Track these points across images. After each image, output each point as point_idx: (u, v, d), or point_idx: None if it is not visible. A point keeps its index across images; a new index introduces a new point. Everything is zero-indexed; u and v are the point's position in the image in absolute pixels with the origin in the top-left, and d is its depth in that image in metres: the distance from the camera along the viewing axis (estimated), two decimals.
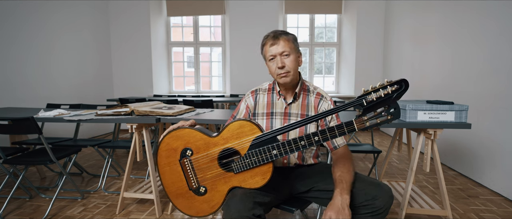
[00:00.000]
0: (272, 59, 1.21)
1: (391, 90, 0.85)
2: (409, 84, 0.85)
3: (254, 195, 1.03)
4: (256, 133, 1.02)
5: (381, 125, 0.91)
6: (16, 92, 3.31)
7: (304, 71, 5.48)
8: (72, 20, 4.22)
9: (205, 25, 5.50)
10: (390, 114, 0.89)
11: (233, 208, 0.97)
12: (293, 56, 1.20)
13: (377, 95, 0.87)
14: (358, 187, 1.07)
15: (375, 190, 1.04)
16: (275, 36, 1.20)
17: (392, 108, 0.89)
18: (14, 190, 2.01)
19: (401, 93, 0.85)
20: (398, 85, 0.85)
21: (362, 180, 1.11)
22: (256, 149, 1.01)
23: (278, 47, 1.19)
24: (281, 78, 1.21)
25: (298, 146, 0.99)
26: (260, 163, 1.01)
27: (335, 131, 0.95)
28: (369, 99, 0.88)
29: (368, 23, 4.88)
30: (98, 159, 3.34)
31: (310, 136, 0.97)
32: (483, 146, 2.50)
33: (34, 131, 1.84)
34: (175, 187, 1.15)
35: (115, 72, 5.25)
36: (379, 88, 0.87)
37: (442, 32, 3.12)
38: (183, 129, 1.12)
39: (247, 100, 1.36)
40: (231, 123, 1.05)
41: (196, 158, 1.10)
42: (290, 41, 1.21)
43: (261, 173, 1.03)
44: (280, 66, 1.19)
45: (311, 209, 2.05)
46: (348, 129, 0.94)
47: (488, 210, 2.03)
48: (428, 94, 3.35)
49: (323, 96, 1.29)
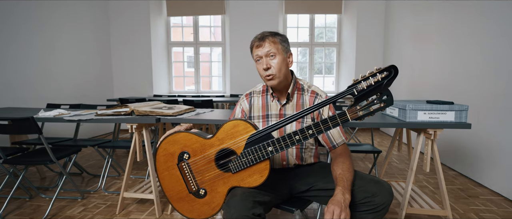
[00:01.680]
0: (258, 60, 1.21)
1: (381, 77, 0.85)
2: (398, 70, 0.85)
3: (254, 195, 1.03)
4: (250, 131, 1.02)
5: (375, 113, 0.90)
6: (16, 92, 3.31)
7: (304, 71, 5.48)
8: (72, 20, 4.22)
9: (205, 25, 5.50)
10: (382, 101, 0.89)
11: (233, 207, 0.97)
12: (280, 57, 1.18)
13: (368, 84, 0.86)
14: (358, 184, 1.07)
15: (374, 187, 1.04)
16: (261, 38, 1.20)
17: (384, 95, 0.89)
18: (14, 190, 2.01)
19: (391, 80, 0.85)
20: (388, 71, 0.84)
21: (362, 177, 1.10)
22: (252, 147, 1.01)
23: (263, 48, 1.18)
24: (268, 81, 1.21)
25: (293, 141, 0.98)
26: (257, 161, 1.01)
27: (329, 122, 0.94)
28: (359, 88, 0.87)
29: (368, 23, 4.88)
30: (98, 159, 3.34)
31: (304, 130, 0.97)
32: (483, 146, 2.50)
33: (34, 131, 1.84)
34: (175, 191, 1.15)
35: (115, 72, 5.25)
36: (369, 76, 0.86)
37: (442, 32, 3.11)
38: (178, 133, 1.13)
39: (242, 103, 1.36)
40: (226, 123, 1.05)
41: (193, 161, 1.11)
42: (277, 42, 1.19)
43: (259, 171, 1.03)
44: (265, 67, 1.18)
45: (311, 209, 2.05)
46: (341, 119, 0.93)
47: (488, 210, 2.03)
48: (428, 94, 3.35)
49: (318, 94, 1.28)
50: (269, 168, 1.02)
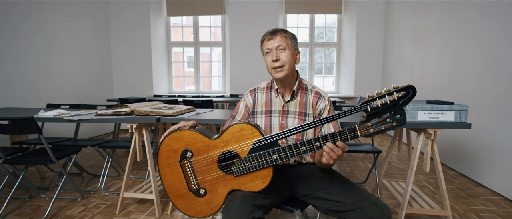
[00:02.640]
0: (268, 53, 1.23)
1: (397, 97, 0.82)
2: (416, 90, 0.81)
3: (253, 198, 1.03)
4: (256, 136, 1.02)
5: (386, 131, 0.88)
6: (16, 92, 3.30)
7: (304, 71, 5.48)
8: (72, 19, 4.22)
9: (205, 25, 5.49)
10: (395, 120, 0.86)
11: (233, 211, 0.97)
12: (289, 51, 1.22)
13: (383, 102, 0.83)
14: (359, 204, 1.04)
15: (375, 212, 1.01)
16: (273, 32, 1.23)
17: (398, 114, 0.85)
18: (14, 190, 2.01)
19: (408, 100, 0.81)
20: (405, 91, 0.81)
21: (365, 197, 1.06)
22: (257, 153, 1.00)
23: (274, 41, 1.21)
24: (276, 73, 1.22)
25: (299, 152, 0.98)
26: (260, 167, 1.01)
27: (337, 137, 0.93)
28: (373, 105, 0.84)
29: (368, 23, 4.88)
30: (98, 159, 3.34)
31: (311, 141, 0.96)
32: (483, 146, 2.50)
33: (34, 131, 1.84)
34: (176, 187, 1.15)
35: (115, 72, 5.25)
36: (385, 94, 0.83)
37: (442, 32, 3.12)
38: (183, 130, 1.12)
39: (246, 99, 1.37)
40: (232, 125, 1.05)
41: (196, 160, 1.10)
42: (288, 37, 1.23)
43: (261, 177, 1.02)
44: (274, 59, 1.20)
45: (311, 209, 2.05)
46: (350, 135, 0.92)
47: (488, 210, 2.03)
48: (428, 94, 3.35)
49: (321, 95, 1.30)
50: (271, 176, 1.01)
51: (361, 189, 1.12)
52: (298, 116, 1.27)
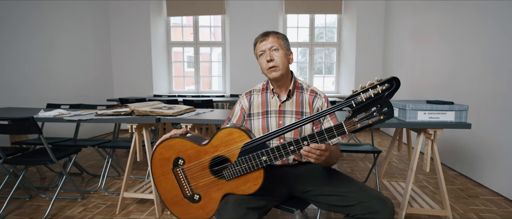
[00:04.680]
0: (262, 54, 1.25)
1: (381, 90, 0.82)
2: (400, 82, 0.81)
3: (246, 201, 1.03)
4: (244, 140, 1.02)
5: (374, 125, 0.87)
6: (16, 92, 3.31)
7: (304, 71, 5.48)
8: (72, 19, 4.22)
9: (205, 25, 5.50)
10: (382, 113, 0.85)
11: (225, 216, 0.98)
12: (282, 51, 1.23)
13: (367, 96, 0.83)
14: (362, 198, 1.05)
15: (378, 205, 1.02)
16: (265, 33, 1.26)
17: (384, 107, 0.85)
18: (14, 190, 2.01)
19: (392, 92, 0.81)
20: (389, 83, 0.81)
21: (366, 191, 1.08)
22: (246, 155, 1.01)
23: (267, 42, 1.23)
24: (270, 73, 1.23)
25: (287, 152, 0.98)
26: (250, 169, 1.01)
27: (325, 135, 0.93)
28: (358, 100, 0.84)
29: (368, 23, 4.88)
30: (98, 159, 3.34)
31: (299, 141, 0.96)
32: (483, 146, 2.50)
33: (34, 131, 1.84)
34: (171, 195, 1.16)
35: (115, 72, 5.25)
36: (369, 87, 0.83)
37: (442, 32, 3.11)
38: (174, 138, 1.13)
39: (241, 102, 1.37)
40: (220, 130, 1.05)
41: (188, 167, 1.11)
42: (280, 38, 1.25)
43: (253, 179, 1.03)
44: (268, 59, 1.21)
45: (311, 209, 2.05)
46: (337, 132, 0.91)
47: (488, 210, 2.03)
48: (428, 94, 3.35)
49: (317, 94, 1.30)
50: (263, 177, 1.02)
51: (363, 184, 1.13)
52: (295, 115, 1.27)
